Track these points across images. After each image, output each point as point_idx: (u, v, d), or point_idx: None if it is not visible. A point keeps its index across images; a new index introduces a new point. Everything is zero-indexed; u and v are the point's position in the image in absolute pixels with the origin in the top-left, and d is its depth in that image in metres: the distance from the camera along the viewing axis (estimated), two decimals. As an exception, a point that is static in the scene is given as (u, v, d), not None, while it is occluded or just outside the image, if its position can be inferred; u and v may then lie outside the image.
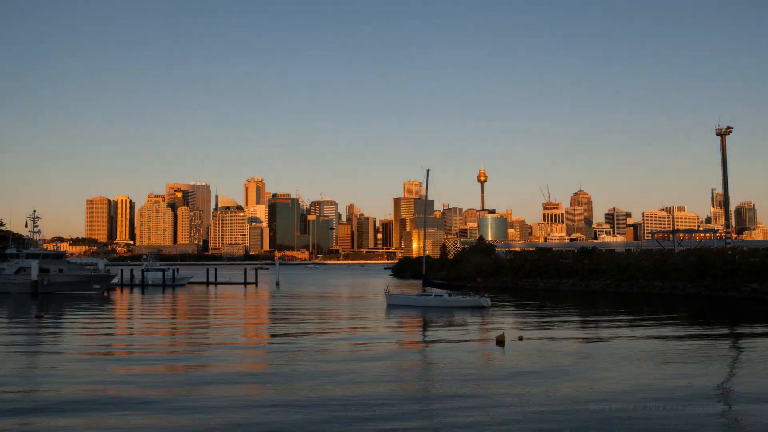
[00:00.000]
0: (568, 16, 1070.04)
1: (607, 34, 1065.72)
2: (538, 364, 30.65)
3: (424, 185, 77.20)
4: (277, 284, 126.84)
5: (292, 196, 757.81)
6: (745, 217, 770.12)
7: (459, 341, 40.27)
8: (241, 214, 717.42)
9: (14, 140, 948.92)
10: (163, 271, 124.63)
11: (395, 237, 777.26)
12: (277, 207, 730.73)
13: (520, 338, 39.21)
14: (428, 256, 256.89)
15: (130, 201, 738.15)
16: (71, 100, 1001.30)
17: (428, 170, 75.10)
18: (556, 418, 20.83)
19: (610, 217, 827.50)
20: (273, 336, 45.34)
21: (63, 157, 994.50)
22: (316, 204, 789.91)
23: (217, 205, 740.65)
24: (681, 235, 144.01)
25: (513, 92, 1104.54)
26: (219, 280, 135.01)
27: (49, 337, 44.47)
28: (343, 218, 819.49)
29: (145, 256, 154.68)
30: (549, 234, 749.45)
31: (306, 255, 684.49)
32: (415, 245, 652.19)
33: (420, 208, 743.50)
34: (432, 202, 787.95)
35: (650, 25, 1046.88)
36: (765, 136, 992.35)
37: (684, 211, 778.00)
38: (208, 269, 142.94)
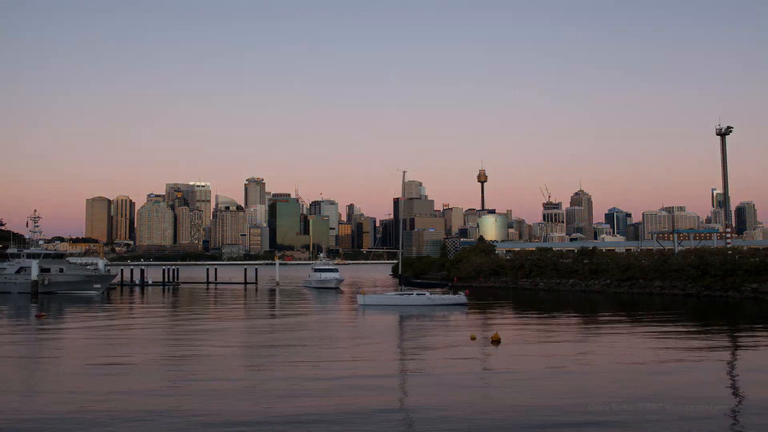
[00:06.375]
0: (569, 16, 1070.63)
1: (607, 33, 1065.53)
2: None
3: (401, 186, 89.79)
4: (277, 284, 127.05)
5: (292, 196, 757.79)
6: (745, 217, 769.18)
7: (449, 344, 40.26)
8: (241, 214, 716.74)
9: (14, 140, 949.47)
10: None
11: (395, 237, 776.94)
12: (277, 207, 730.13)
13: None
14: (428, 256, 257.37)
15: (130, 201, 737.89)
16: (71, 99, 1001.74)
17: (404, 171, 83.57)
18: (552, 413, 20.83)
19: (610, 217, 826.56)
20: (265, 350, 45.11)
21: (63, 156, 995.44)
22: (316, 204, 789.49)
23: (217, 205, 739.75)
24: (681, 235, 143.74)
25: (513, 92, 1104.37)
26: (219, 279, 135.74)
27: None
28: (343, 218, 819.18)
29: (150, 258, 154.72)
30: (549, 234, 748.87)
31: (306, 255, 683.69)
32: (415, 246, 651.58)
33: (421, 208, 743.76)
34: (432, 202, 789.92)
35: (650, 24, 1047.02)
36: (765, 136, 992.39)
37: (684, 211, 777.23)
38: (207, 269, 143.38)
